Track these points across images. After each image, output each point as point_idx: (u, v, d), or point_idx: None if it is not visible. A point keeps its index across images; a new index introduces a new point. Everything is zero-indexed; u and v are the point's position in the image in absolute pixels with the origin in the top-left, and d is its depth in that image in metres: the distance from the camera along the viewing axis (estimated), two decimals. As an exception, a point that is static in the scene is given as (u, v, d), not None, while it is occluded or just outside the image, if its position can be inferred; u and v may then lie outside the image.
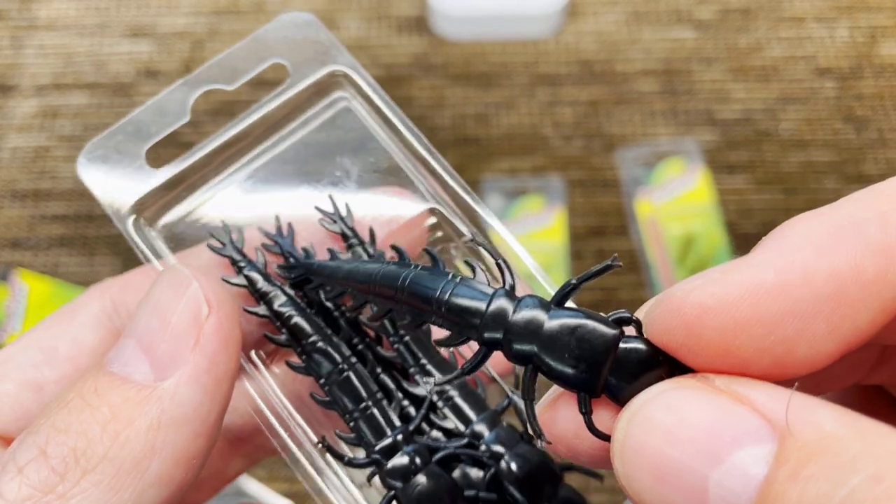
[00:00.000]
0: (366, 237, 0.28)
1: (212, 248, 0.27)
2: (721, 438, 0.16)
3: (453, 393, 0.26)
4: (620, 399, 0.18)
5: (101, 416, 0.19)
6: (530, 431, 0.19)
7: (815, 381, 0.18)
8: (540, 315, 0.19)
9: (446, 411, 0.26)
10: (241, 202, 0.28)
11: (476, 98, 0.75)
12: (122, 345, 0.21)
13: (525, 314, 0.19)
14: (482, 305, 0.19)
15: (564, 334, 0.18)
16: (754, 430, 0.15)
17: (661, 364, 0.18)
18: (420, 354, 0.27)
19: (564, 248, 0.67)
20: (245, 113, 0.28)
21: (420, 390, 0.26)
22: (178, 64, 0.77)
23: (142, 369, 0.20)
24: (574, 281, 0.19)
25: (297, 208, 0.28)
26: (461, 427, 0.26)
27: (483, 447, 0.26)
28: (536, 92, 0.75)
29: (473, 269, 0.21)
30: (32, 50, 0.77)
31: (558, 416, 0.19)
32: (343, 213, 0.28)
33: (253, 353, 0.27)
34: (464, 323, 0.20)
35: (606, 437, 0.18)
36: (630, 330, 0.19)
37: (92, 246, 0.69)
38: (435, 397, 0.26)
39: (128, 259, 0.68)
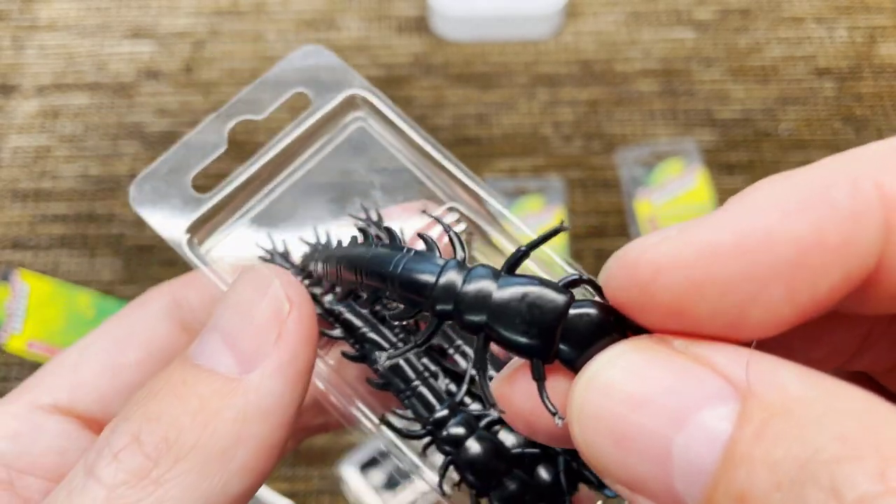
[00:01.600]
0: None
1: (261, 258, 0.30)
2: (683, 400, 0.15)
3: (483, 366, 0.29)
4: (576, 366, 0.18)
5: (190, 406, 0.20)
6: (486, 402, 0.19)
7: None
8: (489, 284, 0.19)
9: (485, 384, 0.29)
10: (278, 218, 0.32)
11: (476, 98, 0.75)
12: (205, 339, 0.21)
13: (474, 284, 0.19)
14: (432, 278, 0.19)
15: (514, 301, 0.18)
16: (716, 391, 0.15)
17: (617, 329, 0.18)
18: (455, 337, 0.30)
19: (564, 248, 0.67)
20: (276, 138, 0.31)
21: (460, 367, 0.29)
22: (178, 64, 0.77)
23: (226, 362, 0.21)
24: (524, 248, 0.19)
25: (329, 221, 0.31)
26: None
27: None
28: (536, 92, 0.75)
29: (427, 242, 0.21)
30: (33, 50, 0.78)
31: (515, 390, 0.19)
32: (374, 217, 0.30)
33: None
34: (415, 295, 0.20)
35: (555, 412, 0.18)
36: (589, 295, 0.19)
37: (92, 246, 0.69)
38: (473, 372, 0.28)
39: (128, 259, 0.68)
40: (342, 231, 0.30)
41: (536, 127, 0.73)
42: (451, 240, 0.20)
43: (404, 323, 0.29)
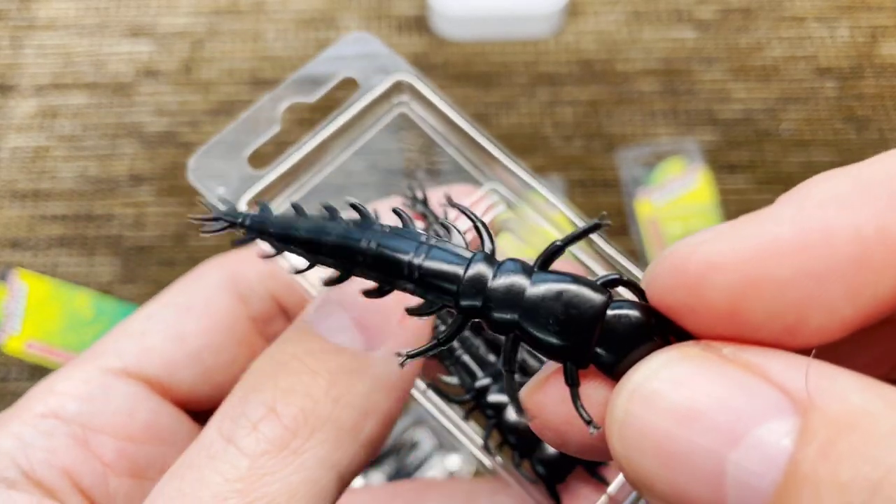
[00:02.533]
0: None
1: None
2: (737, 415, 0.14)
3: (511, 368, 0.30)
4: (614, 372, 0.17)
5: (322, 380, 0.21)
6: (512, 407, 0.18)
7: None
8: (522, 280, 0.17)
9: (523, 353, 0.30)
10: (329, 195, 0.33)
11: (476, 98, 0.75)
12: (327, 311, 0.22)
13: (506, 279, 0.18)
14: (459, 270, 0.18)
15: (548, 300, 0.17)
16: (773, 404, 0.14)
17: (657, 333, 0.17)
18: None
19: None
20: (326, 121, 0.32)
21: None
22: (177, 64, 0.76)
23: (352, 338, 0.22)
24: (559, 242, 0.18)
25: (377, 198, 0.33)
26: (536, 364, 0.30)
27: None
28: (536, 92, 0.75)
29: (448, 230, 0.20)
30: (32, 50, 0.77)
31: (547, 398, 0.18)
32: (420, 197, 0.32)
33: None
34: (439, 289, 0.18)
35: (590, 422, 0.17)
36: (629, 295, 0.18)
37: (91, 246, 0.69)
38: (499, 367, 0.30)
39: (127, 259, 0.68)
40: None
41: (537, 127, 0.73)
42: (477, 230, 0.19)
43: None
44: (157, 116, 0.74)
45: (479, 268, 0.18)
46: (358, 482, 0.59)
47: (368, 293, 0.20)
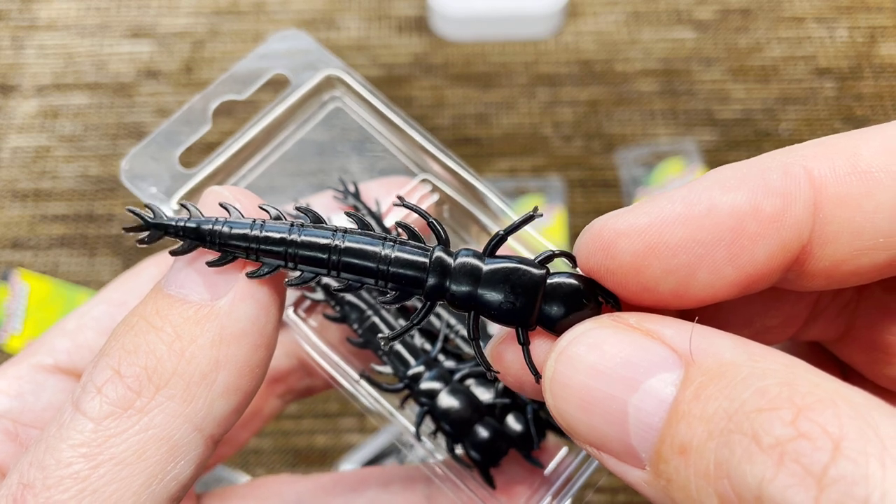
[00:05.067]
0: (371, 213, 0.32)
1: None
2: (636, 368, 0.18)
3: (459, 328, 0.32)
4: (556, 329, 0.21)
5: (165, 336, 0.21)
6: (482, 366, 0.22)
7: (750, 334, 0.20)
8: (477, 264, 0.21)
9: (457, 341, 0.32)
10: (262, 192, 0.33)
11: (476, 98, 0.75)
12: (175, 268, 0.22)
13: (464, 265, 0.21)
14: (425, 261, 0.21)
15: (499, 278, 0.21)
16: (663, 359, 0.18)
17: (589, 297, 0.21)
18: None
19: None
20: (257, 117, 0.32)
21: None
22: (178, 64, 0.77)
23: (197, 290, 0.21)
24: (502, 232, 0.22)
25: (310, 194, 0.33)
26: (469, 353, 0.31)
27: None
28: (536, 92, 0.75)
29: (409, 231, 0.22)
30: (33, 50, 0.78)
31: (506, 353, 0.22)
32: (352, 190, 0.32)
33: (292, 311, 0.32)
34: (408, 280, 0.21)
35: (537, 374, 0.21)
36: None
37: (92, 246, 0.69)
38: (447, 330, 0.31)
39: (128, 259, 0.68)
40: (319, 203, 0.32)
41: (536, 127, 0.73)
42: (431, 226, 0.22)
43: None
44: (158, 116, 0.74)
45: (441, 256, 0.21)
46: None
47: (212, 263, 0.21)
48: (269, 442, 0.62)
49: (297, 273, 0.22)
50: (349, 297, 0.31)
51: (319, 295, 0.31)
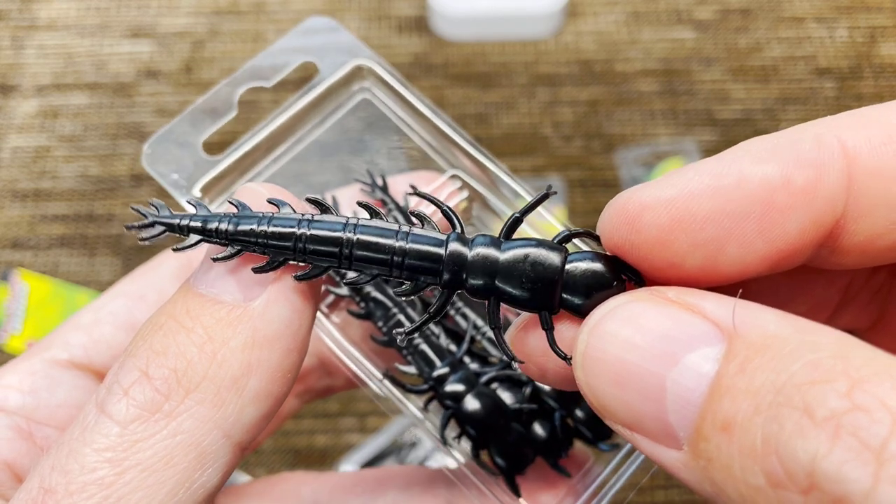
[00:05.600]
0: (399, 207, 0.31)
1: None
2: (675, 342, 0.17)
3: (486, 329, 0.30)
4: (581, 312, 0.20)
5: (196, 337, 0.20)
6: (503, 356, 0.21)
7: None
8: (493, 251, 0.20)
9: (483, 343, 0.30)
10: (287, 182, 0.32)
11: (476, 98, 0.75)
12: (205, 267, 0.21)
13: (480, 252, 0.20)
14: (440, 250, 0.21)
15: (517, 263, 0.20)
16: (704, 333, 0.17)
17: (614, 275, 0.20)
18: (456, 298, 0.30)
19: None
20: (284, 105, 0.31)
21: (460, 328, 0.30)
22: (178, 64, 0.77)
23: (230, 290, 0.21)
24: (517, 214, 0.21)
25: (336, 185, 0.32)
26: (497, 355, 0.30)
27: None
28: (536, 92, 0.75)
29: (422, 220, 0.21)
30: (33, 50, 0.78)
31: (527, 339, 0.21)
32: (380, 183, 0.31)
33: None
34: (424, 269, 0.21)
35: (565, 357, 0.20)
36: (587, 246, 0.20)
37: (92, 246, 0.69)
38: (473, 331, 0.30)
39: (128, 259, 0.68)
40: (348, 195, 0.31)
41: (536, 127, 0.73)
42: (445, 215, 0.21)
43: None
44: (158, 116, 0.74)
45: (456, 246, 0.21)
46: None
47: (257, 269, 0.21)
48: (268, 442, 0.62)
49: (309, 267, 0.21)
50: (374, 293, 0.30)
51: (344, 290, 0.30)
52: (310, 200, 0.22)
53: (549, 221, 0.30)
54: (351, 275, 0.21)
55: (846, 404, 0.14)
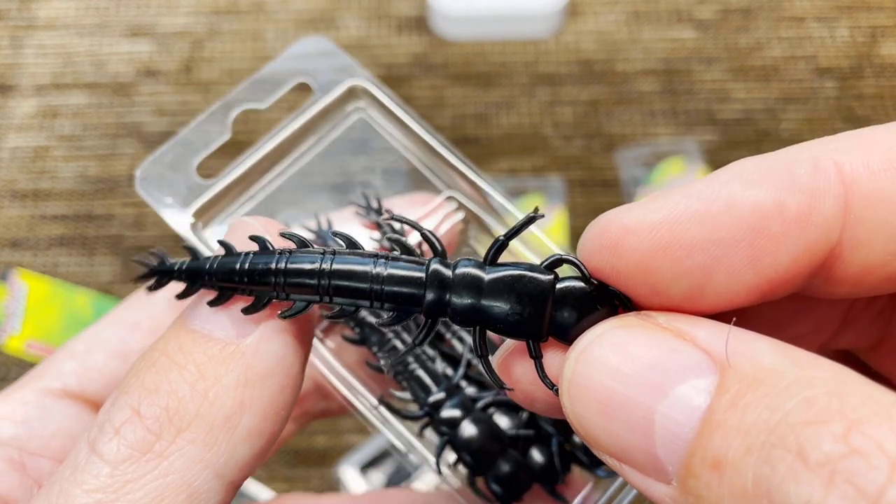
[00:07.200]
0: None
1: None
2: (665, 372, 0.16)
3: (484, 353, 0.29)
4: (569, 339, 0.19)
5: (188, 374, 0.20)
6: (491, 382, 0.20)
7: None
8: (478, 274, 0.19)
9: (480, 367, 0.29)
10: (282, 205, 0.32)
11: (476, 98, 0.75)
12: (199, 303, 0.21)
13: (463, 277, 0.19)
14: (421, 275, 0.20)
15: (503, 288, 0.19)
16: (696, 363, 0.16)
17: (604, 302, 0.19)
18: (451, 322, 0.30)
19: (564, 248, 0.67)
20: (278, 127, 0.31)
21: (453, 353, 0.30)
22: (177, 64, 0.76)
23: (223, 326, 0.20)
24: (502, 237, 0.20)
25: (331, 208, 0.32)
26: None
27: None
28: (536, 92, 0.75)
29: (402, 246, 0.20)
30: (32, 50, 0.77)
31: (514, 366, 0.20)
32: (375, 206, 0.31)
33: None
34: (404, 296, 0.20)
35: (552, 386, 0.19)
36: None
37: (91, 246, 0.69)
38: (469, 355, 0.29)
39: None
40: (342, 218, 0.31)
41: (536, 127, 0.73)
42: (426, 238, 0.20)
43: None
44: (158, 116, 0.74)
45: (438, 269, 0.20)
46: (357, 482, 0.59)
47: (246, 310, 0.20)
48: (268, 442, 0.61)
49: (290, 304, 0.20)
50: (369, 317, 0.29)
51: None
52: (284, 236, 0.21)
53: (543, 241, 0.30)
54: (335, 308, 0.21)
55: (842, 448, 0.14)
